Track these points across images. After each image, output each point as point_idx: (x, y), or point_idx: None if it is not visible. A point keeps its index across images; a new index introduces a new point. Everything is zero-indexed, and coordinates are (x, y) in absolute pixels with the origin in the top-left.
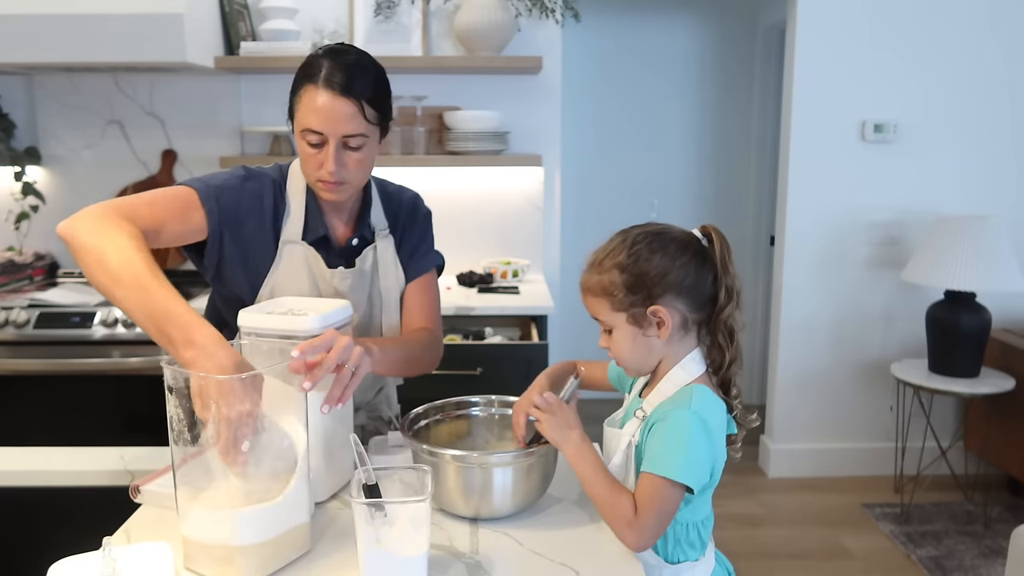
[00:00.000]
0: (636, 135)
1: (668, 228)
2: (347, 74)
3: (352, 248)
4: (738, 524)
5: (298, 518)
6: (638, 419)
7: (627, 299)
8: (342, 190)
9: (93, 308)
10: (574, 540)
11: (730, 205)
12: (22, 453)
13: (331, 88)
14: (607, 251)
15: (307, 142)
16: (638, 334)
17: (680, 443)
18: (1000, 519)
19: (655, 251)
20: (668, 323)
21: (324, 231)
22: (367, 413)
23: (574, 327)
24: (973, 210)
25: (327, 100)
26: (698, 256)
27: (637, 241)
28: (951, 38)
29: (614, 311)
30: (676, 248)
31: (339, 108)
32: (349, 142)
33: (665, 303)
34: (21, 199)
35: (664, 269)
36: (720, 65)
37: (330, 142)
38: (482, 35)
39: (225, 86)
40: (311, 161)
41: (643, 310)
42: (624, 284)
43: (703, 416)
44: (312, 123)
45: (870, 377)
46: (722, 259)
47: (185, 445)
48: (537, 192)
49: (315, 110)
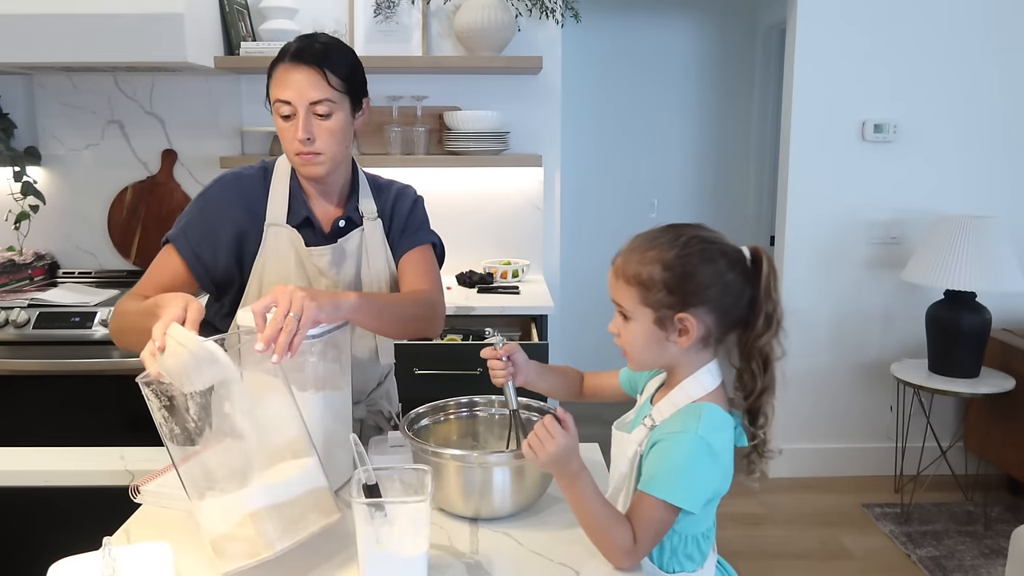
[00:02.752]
0: (636, 135)
1: (721, 239)
2: (310, 47)
3: (339, 230)
4: (738, 524)
5: (312, 481)
6: (646, 427)
7: (662, 299)
8: (319, 161)
9: (93, 308)
10: (574, 540)
11: (730, 205)
12: (22, 453)
13: (295, 59)
14: (655, 242)
15: (280, 115)
16: (659, 335)
17: (683, 468)
18: (1000, 519)
19: (706, 260)
20: (693, 333)
21: (307, 214)
22: (367, 407)
23: (574, 327)
24: (973, 210)
25: (290, 69)
26: (743, 276)
27: (691, 244)
28: (951, 38)
29: (642, 304)
30: (726, 263)
31: (302, 76)
32: (316, 109)
33: (696, 314)
34: (21, 199)
35: (708, 281)
36: (720, 65)
37: (299, 111)
38: (482, 35)
39: (225, 86)
40: (286, 135)
41: (672, 313)
42: (664, 283)
43: (709, 440)
44: (279, 93)
45: (870, 377)
46: (767, 285)
47: (183, 444)
48: (537, 192)
49: (282, 81)
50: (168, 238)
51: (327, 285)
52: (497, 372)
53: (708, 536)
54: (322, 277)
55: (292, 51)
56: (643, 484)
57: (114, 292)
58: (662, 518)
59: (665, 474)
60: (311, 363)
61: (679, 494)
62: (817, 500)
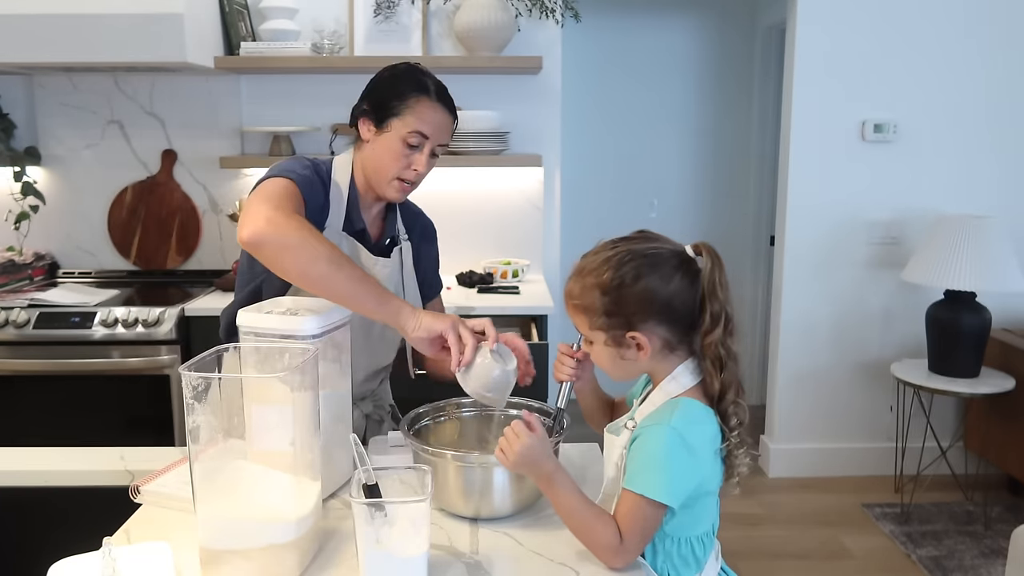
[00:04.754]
0: (636, 135)
1: (660, 247)
2: (448, 94)
3: (384, 246)
4: (738, 524)
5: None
6: (628, 430)
7: (605, 323)
8: (409, 190)
9: (93, 308)
10: (574, 540)
11: (730, 205)
12: (22, 453)
13: (443, 103)
14: (592, 266)
15: (408, 143)
16: (616, 354)
17: (657, 460)
18: (1000, 519)
19: (642, 276)
20: (647, 348)
21: (362, 225)
22: (372, 402)
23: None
24: (973, 210)
25: (437, 108)
26: (689, 278)
27: (624, 261)
28: (951, 38)
29: (592, 329)
30: (667, 271)
31: (445, 120)
32: (437, 150)
33: (646, 330)
34: (21, 199)
35: (648, 296)
36: (720, 65)
37: (427, 147)
38: (482, 35)
39: (225, 86)
40: (400, 160)
41: (621, 333)
42: (603, 308)
43: (681, 432)
44: (421, 126)
45: (870, 377)
46: (711, 282)
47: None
48: (537, 192)
49: (429, 119)
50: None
51: None
52: (565, 368)
53: (705, 542)
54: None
55: (438, 92)
56: (625, 482)
57: (114, 292)
58: (645, 514)
59: (640, 469)
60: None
61: (655, 488)
62: (817, 500)
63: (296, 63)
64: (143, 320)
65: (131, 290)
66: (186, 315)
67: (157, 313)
